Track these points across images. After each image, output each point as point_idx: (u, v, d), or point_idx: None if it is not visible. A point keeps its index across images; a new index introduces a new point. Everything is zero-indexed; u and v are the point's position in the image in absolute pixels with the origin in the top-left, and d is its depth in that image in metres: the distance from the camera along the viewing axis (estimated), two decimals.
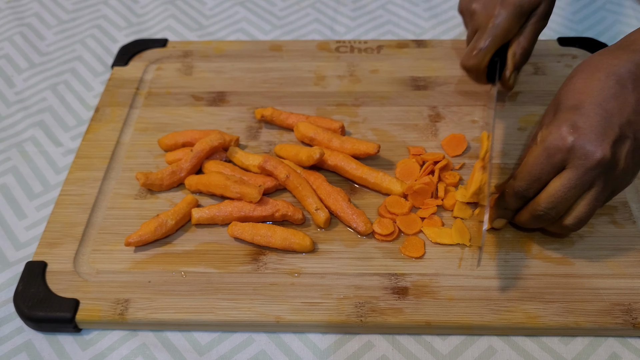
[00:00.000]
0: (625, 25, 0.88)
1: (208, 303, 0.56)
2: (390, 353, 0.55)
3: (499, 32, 0.64)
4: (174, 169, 0.65)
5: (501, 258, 0.59)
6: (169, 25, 0.90)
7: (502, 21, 0.64)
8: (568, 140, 0.52)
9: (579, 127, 0.52)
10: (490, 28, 0.65)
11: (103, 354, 0.55)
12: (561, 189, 0.53)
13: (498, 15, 0.64)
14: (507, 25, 0.64)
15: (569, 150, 0.52)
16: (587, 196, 0.53)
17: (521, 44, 0.66)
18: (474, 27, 0.67)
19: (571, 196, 0.53)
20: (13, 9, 0.94)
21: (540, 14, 0.65)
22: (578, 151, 0.51)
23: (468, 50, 0.67)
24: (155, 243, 0.61)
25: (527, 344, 0.55)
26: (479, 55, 0.66)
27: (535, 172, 0.54)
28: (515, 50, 0.66)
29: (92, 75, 0.83)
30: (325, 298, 0.57)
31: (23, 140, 0.75)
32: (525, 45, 0.66)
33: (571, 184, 0.52)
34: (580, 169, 0.52)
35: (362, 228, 0.61)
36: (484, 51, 0.65)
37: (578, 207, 0.54)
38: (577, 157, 0.52)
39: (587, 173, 0.52)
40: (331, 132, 0.68)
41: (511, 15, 0.64)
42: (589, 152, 0.51)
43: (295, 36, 0.88)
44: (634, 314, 0.54)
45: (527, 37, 0.66)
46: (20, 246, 0.64)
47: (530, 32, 0.66)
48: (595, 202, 0.53)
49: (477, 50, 0.66)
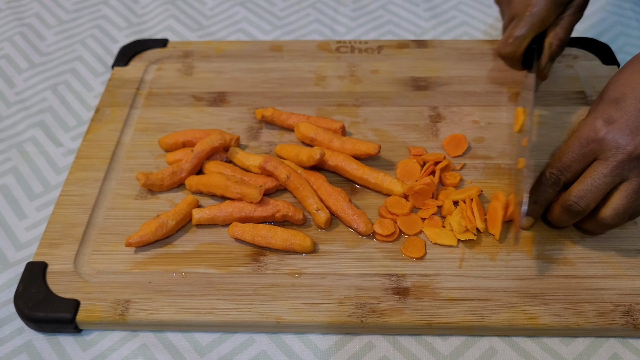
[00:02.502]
0: (626, 26, 0.88)
1: (209, 304, 0.56)
2: (391, 354, 0.55)
3: (536, 21, 0.64)
4: (175, 170, 0.65)
5: (502, 259, 0.59)
6: (169, 25, 0.90)
7: (540, 10, 0.64)
8: (601, 131, 0.53)
9: (614, 119, 0.53)
10: (528, 16, 0.64)
11: (103, 355, 0.55)
12: (590, 179, 0.54)
13: (536, 4, 0.64)
14: (545, 14, 0.64)
15: (600, 141, 0.53)
16: (621, 188, 0.54)
17: (558, 35, 0.66)
18: (511, 15, 0.67)
19: (600, 186, 0.53)
20: (13, 9, 0.94)
21: (577, 5, 0.65)
22: (609, 143, 0.53)
23: (504, 37, 0.67)
24: (155, 243, 0.61)
25: (528, 345, 0.55)
26: (515, 43, 0.66)
27: (567, 160, 0.55)
28: (552, 41, 0.66)
29: (93, 75, 0.83)
30: (326, 299, 0.57)
31: (23, 140, 0.75)
32: (562, 36, 0.66)
33: (602, 173, 0.53)
34: (611, 161, 0.53)
35: (363, 228, 0.61)
36: (520, 39, 0.65)
37: (614, 199, 0.54)
38: (609, 148, 0.53)
39: (618, 166, 0.53)
40: (332, 132, 0.68)
41: (549, 4, 0.64)
42: (620, 145, 0.52)
43: (296, 36, 0.88)
44: (635, 315, 0.54)
45: (564, 27, 0.66)
46: (20, 247, 0.64)
47: (567, 23, 0.66)
48: (634, 195, 0.54)
49: (514, 38, 0.65)
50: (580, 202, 0.55)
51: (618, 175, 0.53)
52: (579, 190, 0.55)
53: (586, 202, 0.55)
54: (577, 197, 0.55)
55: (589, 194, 0.54)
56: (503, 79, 0.76)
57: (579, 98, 0.74)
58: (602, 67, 0.78)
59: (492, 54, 0.69)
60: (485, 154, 0.69)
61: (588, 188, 0.54)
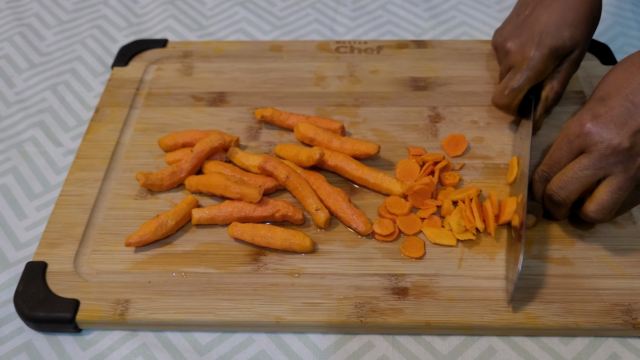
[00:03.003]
0: (625, 26, 0.88)
1: (208, 303, 0.57)
2: (391, 353, 0.55)
3: (533, 74, 0.65)
4: (174, 170, 0.65)
5: (501, 259, 0.59)
6: (169, 25, 0.91)
7: (537, 63, 0.64)
8: (586, 126, 0.54)
9: (599, 115, 0.54)
10: (525, 69, 0.65)
11: (103, 354, 0.55)
12: (571, 171, 0.55)
13: (533, 57, 0.64)
14: (542, 68, 0.64)
15: (586, 135, 0.54)
16: (605, 183, 0.55)
17: (554, 88, 0.66)
18: (507, 65, 0.68)
19: (581, 178, 0.55)
20: (13, 9, 0.94)
21: (573, 59, 0.65)
22: (594, 137, 0.54)
23: (500, 88, 0.67)
24: (155, 243, 0.61)
25: (527, 344, 0.55)
26: (511, 95, 0.66)
27: (556, 156, 0.57)
28: (548, 94, 0.66)
29: (92, 75, 0.83)
30: (326, 298, 0.57)
31: (23, 140, 0.75)
32: (558, 89, 0.66)
33: (581, 166, 0.54)
34: (594, 154, 0.54)
35: (362, 228, 0.61)
36: (516, 91, 0.66)
37: (597, 194, 0.55)
38: (593, 142, 0.54)
39: (601, 158, 0.53)
40: (331, 132, 0.68)
41: (546, 58, 0.64)
42: (604, 139, 0.53)
43: (295, 36, 0.88)
44: (634, 314, 0.55)
45: (560, 80, 0.66)
46: (20, 246, 0.64)
47: (563, 76, 0.66)
48: (618, 190, 0.54)
49: (510, 89, 0.66)
50: (560, 192, 0.56)
51: (601, 168, 0.54)
52: (559, 180, 0.56)
53: (566, 193, 0.56)
54: (557, 187, 0.56)
55: (569, 185, 0.55)
56: None
57: (578, 98, 0.74)
58: (601, 67, 0.78)
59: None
60: (484, 154, 0.69)
61: (568, 179, 0.55)
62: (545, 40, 0.64)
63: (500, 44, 0.69)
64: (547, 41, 0.64)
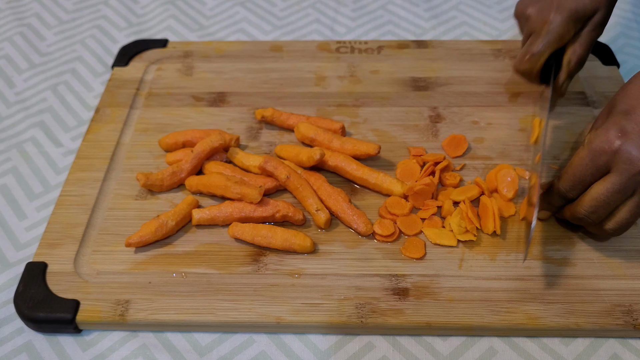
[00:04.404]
0: (626, 27, 0.88)
1: (208, 304, 0.56)
2: (391, 354, 0.55)
3: (553, 38, 0.63)
4: (175, 170, 0.65)
5: (502, 259, 0.59)
6: (169, 25, 0.90)
7: (557, 26, 0.63)
8: (615, 144, 0.52)
9: (627, 131, 0.52)
10: (545, 33, 0.63)
11: (103, 355, 0.55)
12: (604, 193, 0.53)
13: (553, 21, 0.63)
14: (562, 31, 0.63)
15: (614, 153, 0.52)
16: (629, 202, 0.53)
17: (577, 52, 0.65)
18: (529, 31, 0.66)
19: (613, 201, 0.53)
20: (13, 9, 0.94)
21: (596, 22, 0.64)
22: (623, 155, 0.51)
23: (521, 54, 0.66)
24: (155, 244, 0.61)
25: (527, 345, 0.55)
26: (532, 60, 0.65)
27: (579, 174, 0.54)
28: (571, 58, 0.65)
29: (93, 75, 0.83)
30: (326, 299, 0.57)
31: (23, 140, 0.75)
32: (581, 53, 0.65)
33: (614, 188, 0.52)
34: (624, 174, 0.52)
35: (363, 229, 0.61)
36: (537, 56, 0.64)
37: (620, 213, 0.54)
38: (622, 161, 0.52)
39: (631, 179, 0.52)
40: (332, 132, 0.68)
41: (566, 21, 0.63)
42: (634, 158, 0.51)
43: (296, 36, 0.88)
44: (635, 315, 0.54)
45: (582, 44, 0.65)
46: (20, 247, 0.64)
47: (586, 40, 0.65)
48: (637, 208, 0.53)
49: (530, 54, 0.65)
50: (591, 216, 0.55)
51: (630, 188, 0.52)
52: (590, 206, 0.54)
53: (597, 216, 0.55)
54: (588, 211, 0.55)
55: (601, 209, 0.54)
56: (503, 79, 0.76)
57: (579, 99, 0.74)
58: (602, 68, 0.78)
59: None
60: (485, 154, 0.69)
61: (600, 204, 0.54)
62: (565, 4, 0.62)
63: (521, 11, 0.67)
64: (567, 4, 0.62)
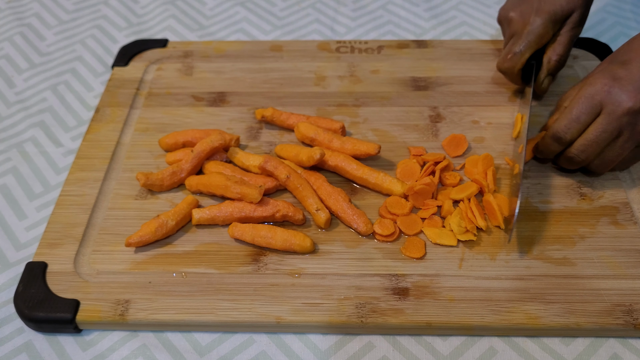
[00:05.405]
0: (625, 26, 0.88)
1: (208, 304, 0.56)
2: (391, 354, 0.55)
3: (533, 38, 0.68)
4: (175, 170, 0.65)
5: (502, 259, 0.59)
6: (169, 25, 0.90)
7: (537, 28, 0.67)
8: (606, 86, 0.58)
9: (620, 77, 0.58)
10: (525, 34, 0.68)
11: (103, 355, 0.55)
12: (593, 133, 0.59)
13: (533, 22, 0.67)
14: (541, 32, 0.67)
15: (606, 94, 0.58)
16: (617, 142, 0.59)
17: (556, 51, 0.69)
18: (510, 33, 0.71)
19: (601, 140, 0.59)
20: (13, 9, 0.94)
21: (574, 21, 0.68)
22: (613, 97, 0.57)
23: (504, 53, 0.70)
24: (155, 244, 0.61)
25: (528, 345, 0.55)
26: (514, 59, 0.69)
27: (575, 113, 0.59)
28: (550, 57, 0.69)
29: (93, 75, 0.83)
30: (326, 299, 0.57)
31: (23, 140, 0.75)
32: (561, 52, 0.69)
33: (602, 128, 0.58)
34: (611, 115, 0.57)
35: (363, 228, 0.61)
36: (518, 55, 0.69)
37: (606, 151, 0.60)
38: (611, 102, 0.57)
39: (618, 119, 0.57)
40: (332, 132, 0.68)
41: (545, 22, 0.67)
42: (622, 100, 0.57)
43: (296, 36, 0.88)
44: (635, 315, 0.54)
45: (562, 43, 0.69)
46: (20, 247, 0.64)
47: (565, 39, 0.69)
48: (622, 149, 0.59)
49: (512, 54, 0.69)
50: (580, 155, 0.60)
51: (616, 129, 0.58)
52: (581, 144, 0.60)
53: (586, 155, 0.60)
54: (578, 150, 0.60)
55: (589, 148, 0.59)
56: (503, 79, 0.76)
57: None
58: None
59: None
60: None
61: (589, 142, 0.59)
62: (544, 7, 0.67)
63: (504, 15, 0.72)
64: (545, 7, 0.67)
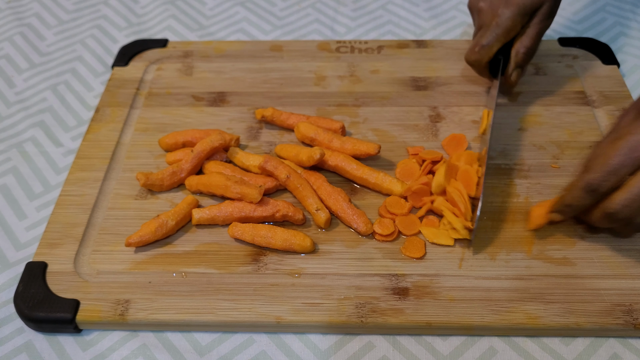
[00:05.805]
0: (625, 26, 0.88)
1: (208, 304, 0.56)
2: (391, 354, 0.55)
3: (501, 31, 0.67)
4: (175, 170, 0.65)
5: (502, 259, 0.59)
6: (169, 25, 0.90)
7: (505, 20, 0.66)
8: None
9: None
10: (493, 26, 0.67)
11: (103, 355, 0.55)
12: (637, 188, 0.51)
13: (501, 15, 0.66)
14: (510, 24, 0.66)
15: None
16: None
17: (524, 43, 0.68)
18: (480, 24, 0.70)
19: None
20: (13, 9, 0.94)
21: (543, 13, 0.67)
22: None
23: (472, 45, 0.70)
24: (155, 243, 0.61)
25: (527, 345, 0.55)
26: (482, 52, 0.68)
27: (614, 165, 0.51)
28: (518, 49, 0.68)
29: (93, 75, 0.83)
30: (326, 299, 0.57)
31: (23, 140, 0.75)
32: (528, 44, 0.68)
33: None
34: None
35: (363, 228, 0.61)
36: (486, 48, 0.68)
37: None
38: None
39: None
40: (332, 132, 0.68)
41: (514, 15, 0.66)
42: None
43: (296, 36, 0.88)
44: (635, 315, 0.54)
45: (530, 36, 0.68)
46: (20, 247, 0.64)
47: (534, 32, 0.68)
48: None
49: (480, 46, 0.68)
50: (624, 210, 0.52)
51: None
52: (624, 199, 0.52)
53: (630, 211, 0.52)
54: (621, 205, 0.52)
55: (634, 204, 0.51)
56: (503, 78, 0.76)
57: (579, 98, 0.74)
58: (602, 67, 0.78)
59: None
60: None
61: (633, 197, 0.51)
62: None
63: (474, 4, 0.71)
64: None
